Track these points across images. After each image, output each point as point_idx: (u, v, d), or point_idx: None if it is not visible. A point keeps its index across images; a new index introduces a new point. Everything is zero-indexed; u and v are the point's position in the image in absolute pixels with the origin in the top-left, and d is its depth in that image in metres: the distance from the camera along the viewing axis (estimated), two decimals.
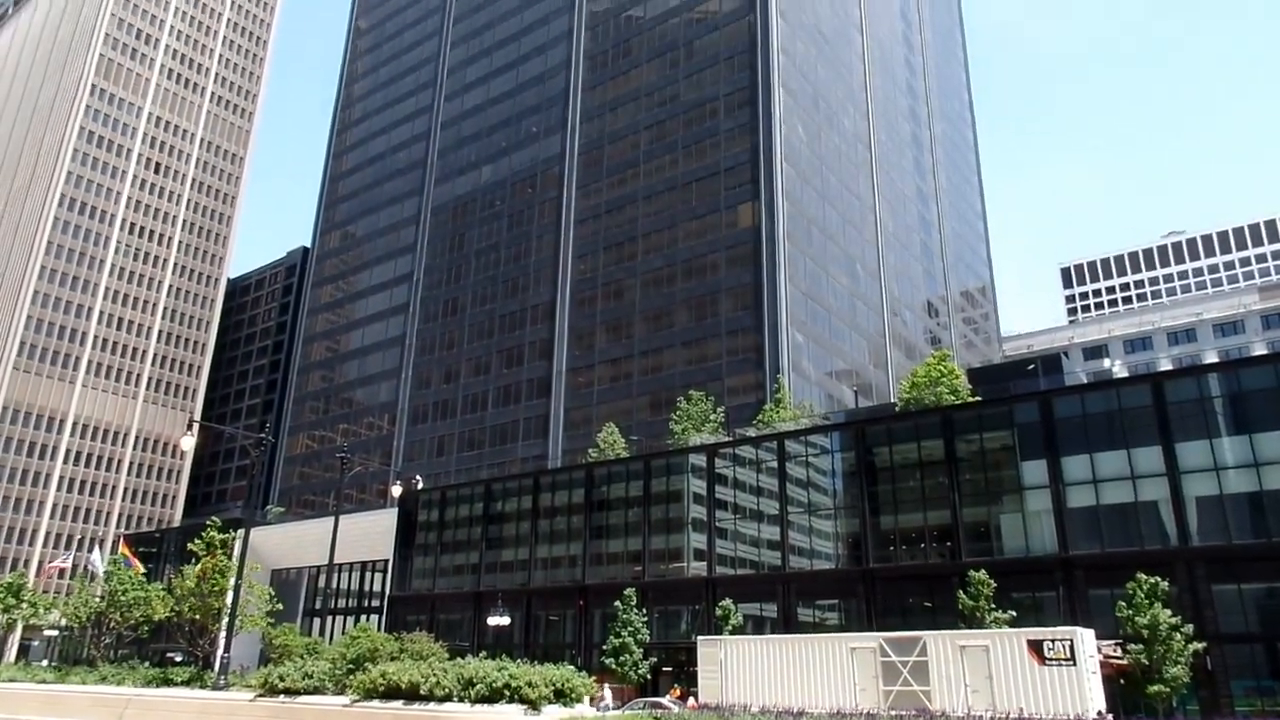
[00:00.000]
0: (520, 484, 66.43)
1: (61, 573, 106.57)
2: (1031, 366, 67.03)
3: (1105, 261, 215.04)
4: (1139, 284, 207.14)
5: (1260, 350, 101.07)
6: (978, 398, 52.30)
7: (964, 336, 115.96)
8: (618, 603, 51.91)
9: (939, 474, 46.92)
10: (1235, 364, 43.94)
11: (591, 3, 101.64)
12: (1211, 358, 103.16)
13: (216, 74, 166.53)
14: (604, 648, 51.48)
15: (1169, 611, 36.39)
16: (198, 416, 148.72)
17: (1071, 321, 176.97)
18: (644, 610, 52.24)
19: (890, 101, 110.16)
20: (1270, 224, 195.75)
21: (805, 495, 51.94)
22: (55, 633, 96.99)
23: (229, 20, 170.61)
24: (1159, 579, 37.17)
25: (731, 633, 46.48)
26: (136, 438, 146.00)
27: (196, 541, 41.90)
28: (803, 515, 51.40)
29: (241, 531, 39.33)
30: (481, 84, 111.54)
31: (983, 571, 41.16)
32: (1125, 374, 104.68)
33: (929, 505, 47.13)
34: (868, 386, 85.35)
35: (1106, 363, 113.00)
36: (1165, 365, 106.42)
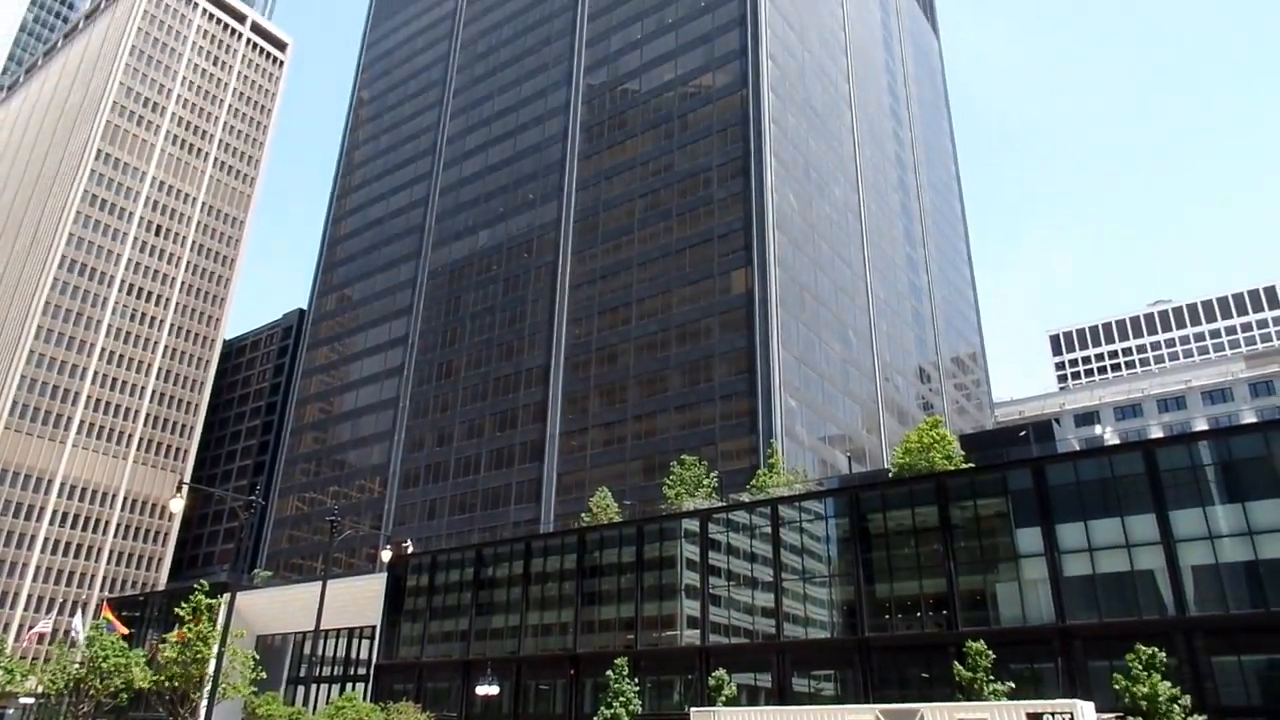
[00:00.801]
0: (512, 549, 65.75)
1: (41, 638, 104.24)
2: (1024, 433, 67.23)
3: (1094, 329, 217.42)
4: (1126, 351, 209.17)
5: (1250, 418, 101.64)
6: (971, 464, 52.37)
7: (956, 402, 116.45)
8: (609, 672, 51.01)
9: (934, 541, 46.70)
10: (1225, 431, 44.17)
11: (588, 76, 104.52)
12: (1201, 425, 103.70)
13: (220, 140, 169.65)
14: (595, 719, 50.39)
15: (1168, 683, 35.95)
16: (188, 477, 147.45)
17: (1062, 388, 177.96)
18: (636, 680, 51.31)
19: (879, 172, 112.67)
20: (1254, 294, 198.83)
21: (799, 562, 51.56)
22: (31, 700, 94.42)
23: (235, 89, 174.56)
24: (1157, 650, 36.81)
25: (725, 704, 45.60)
26: (125, 499, 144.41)
27: (183, 606, 41.28)
28: (797, 582, 50.94)
29: (227, 596, 38.76)
30: (480, 152, 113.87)
31: (980, 642, 40.71)
32: (1117, 441, 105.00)
33: (924, 573, 46.79)
34: (861, 452, 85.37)
35: (1098, 429, 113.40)
36: (1156, 432, 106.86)
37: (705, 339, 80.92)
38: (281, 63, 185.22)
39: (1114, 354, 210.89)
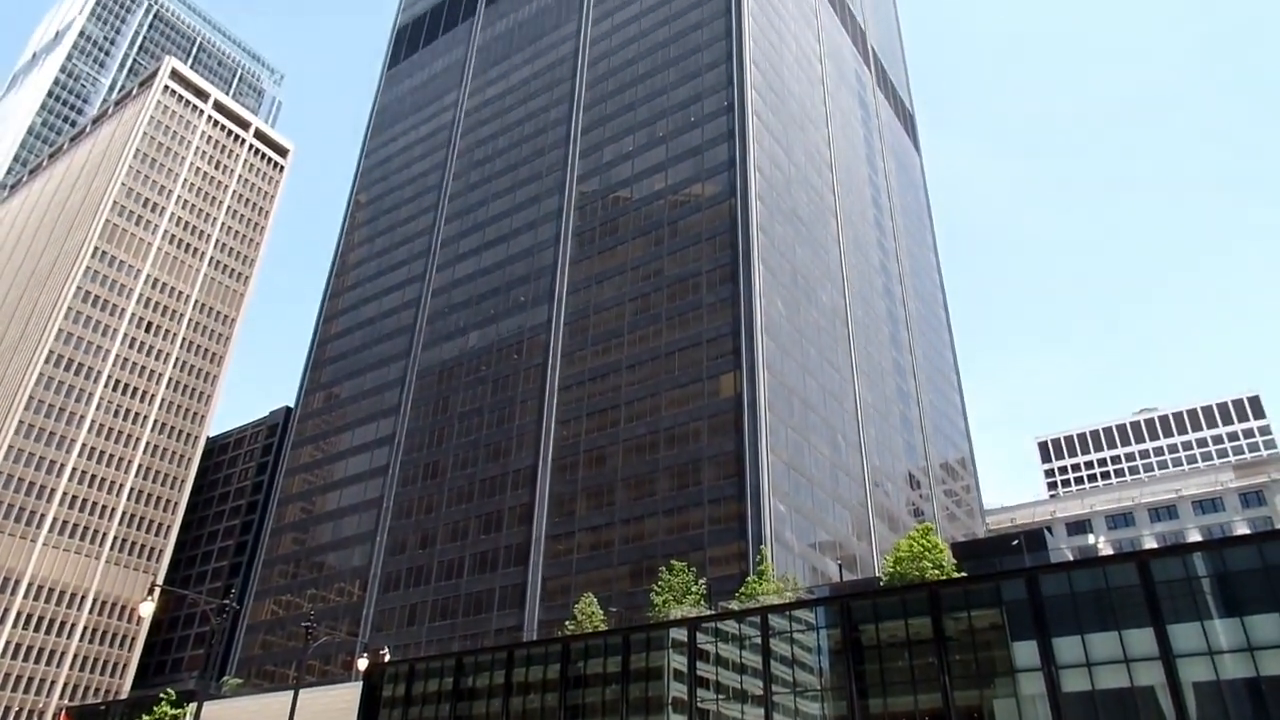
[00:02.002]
0: (493, 658, 63.52)
1: None
2: (1016, 541, 66.44)
3: (1081, 436, 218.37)
4: (1115, 459, 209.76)
5: (1242, 528, 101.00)
6: (963, 573, 51.50)
7: (946, 509, 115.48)
8: None
9: (928, 654, 45.42)
10: (1220, 543, 43.77)
11: (581, 184, 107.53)
12: (1194, 535, 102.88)
13: (217, 240, 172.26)
14: None
15: None
16: (161, 579, 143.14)
17: (1052, 495, 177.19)
18: None
19: (865, 279, 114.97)
20: (1238, 403, 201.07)
21: (790, 674, 49.90)
22: None
23: (234, 191, 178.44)
24: None
25: None
26: (94, 600, 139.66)
27: (147, 716, 39.40)
28: (788, 696, 49.16)
29: (194, 705, 37.09)
30: (473, 255, 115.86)
31: None
32: (1110, 550, 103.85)
33: (919, 687, 45.31)
34: (851, 559, 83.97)
35: (1090, 538, 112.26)
36: (1149, 542, 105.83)
37: (694, 442, 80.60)
38: (282, 167, 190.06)
39: (1103, 461, 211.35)
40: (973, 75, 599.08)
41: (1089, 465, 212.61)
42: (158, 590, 33.65)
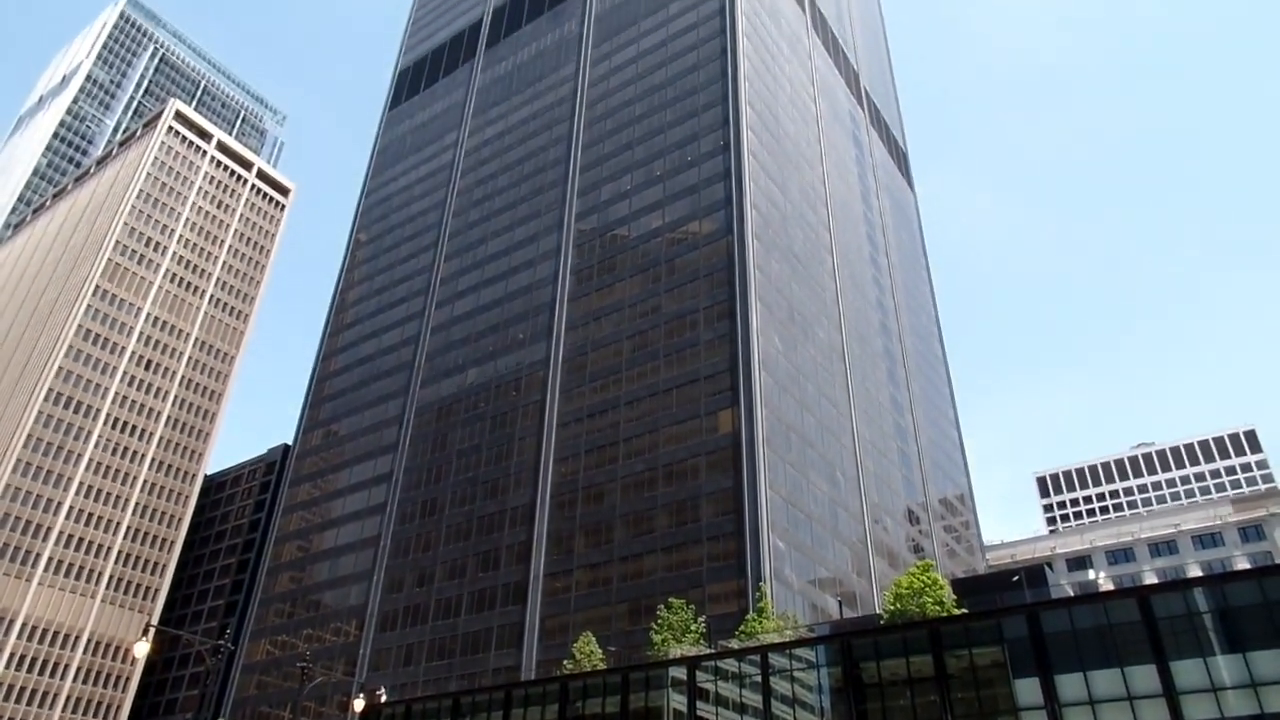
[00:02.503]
0: (491, 697, 62.89)
1: None
2: (1016, 578, 66.22)
3: (1080, 471, 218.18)
4: (1114, 494, 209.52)
5: (1242, 563, 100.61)
6: (964, 610, 51.31)
7: (946, 545, 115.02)
8: None
9: (930, 692, 45.13)
10: (1220, 579, 43.72)
11: (579, 222, 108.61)
12: (1195, 570, 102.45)
13: (218, 278, 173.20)
14: None
15: None
16: (156, 618, 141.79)
17: (1052, 531, 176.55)
18: None
19: (862, 316, 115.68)
20: (1234, 437, 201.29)
21: (791, 713, 49.49)
22: None
23: (236, 230, 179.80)
24: None
25: None
26: (88, 641, 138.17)
27: None
28: None
29: None
30: (472, 292, 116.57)
31: None
32: (1110, 586, 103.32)
33: None
34: (851, 596, 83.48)
35: (1091, 574, 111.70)
36: (1150, 577, 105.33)
37: (692, 479, 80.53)
38: (283, 206, 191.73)
39: (1101, 496, 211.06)
40: (965, 114, 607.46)
41: (1087, 500, 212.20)
42: (152, 631, 33.52)
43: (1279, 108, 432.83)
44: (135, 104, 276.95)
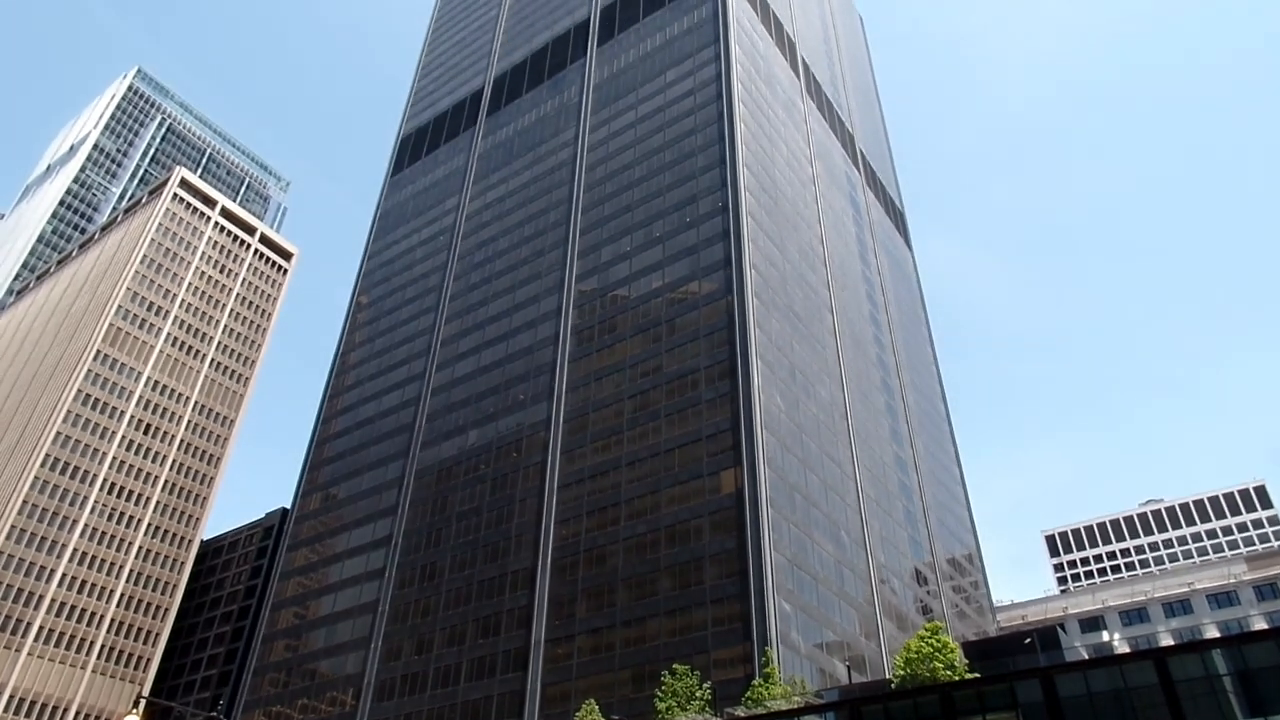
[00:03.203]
0: None
1: None
2: (1029, 640, 64.76)
3: (1089, 529, 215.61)
4: (1125, 552, 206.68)
5: (1260, 623, 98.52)
6: (976, 674, 49.96)
7: (955, 606, 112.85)
8: None
9: None
10: (1238, 639, 42.67)
11: (580, 283, 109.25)
12: (1212, 631, 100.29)
13: (219, 342, 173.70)
14: None
15: None
16: (148, 689, 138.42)
17: (1063, 590, 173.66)
18: None
19: (863, 374, 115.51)
20: (1244, 493, 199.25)
21: None
22: None
23: (238, 294, 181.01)
24: None
25: None
26: (78, 713, 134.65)
27: None
28: None
29: None
30: (473, 354, 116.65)
31: None
32: (1126, 648, 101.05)
33: None
34: (860, 660, 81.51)
35: (1105, 635, 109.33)
36: (1165, 639, 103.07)
37: (695, 540, 79.33)
38: (285, 270, 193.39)
39: (1111, 554, 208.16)
40: (961, 175, 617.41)
41: (1098, 559, 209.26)
42: (143, 703, 32.55)
43: (1273, 160, 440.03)
44: (142, 172, 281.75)
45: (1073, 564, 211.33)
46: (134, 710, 31.61)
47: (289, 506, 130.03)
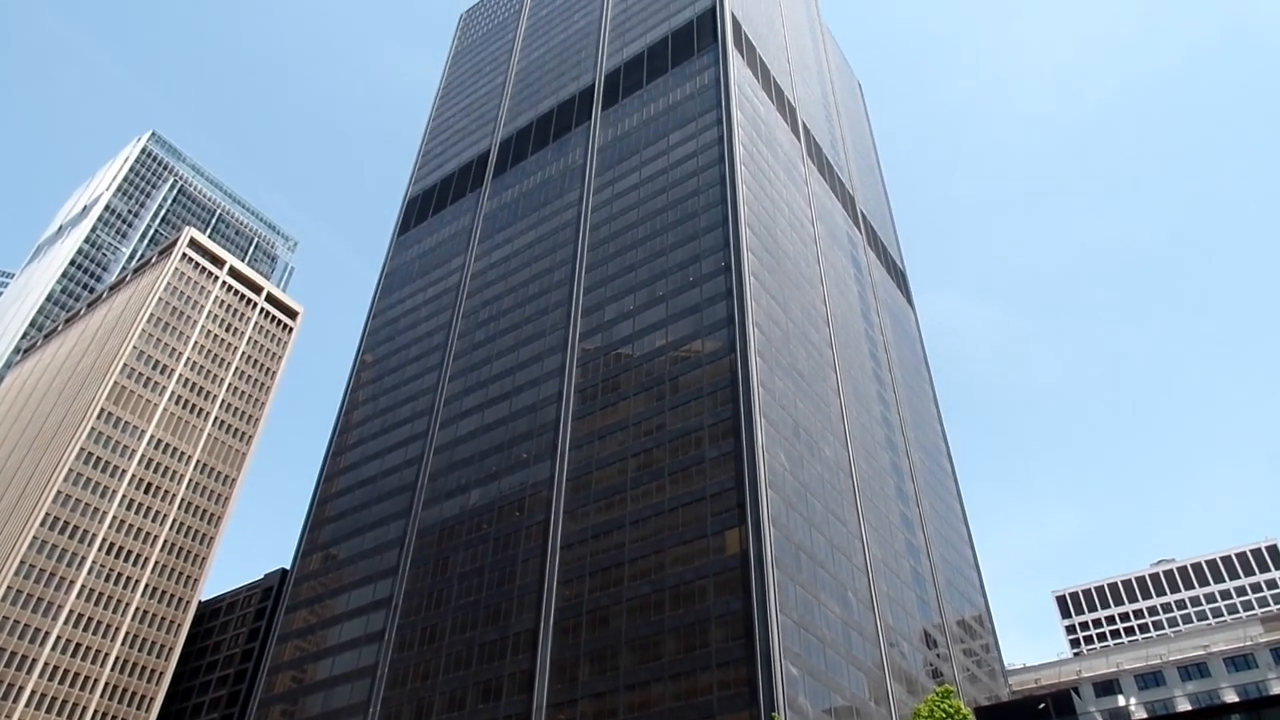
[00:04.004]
0: None
1: None
2: (1043, 705, 63.19)
3: (1100, 590, 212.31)
4: (1138, 614, 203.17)
5: (1277, 687, 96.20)
6: None
7: (966, 669, 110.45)
8: None
9: None
10: (1258, 704, 41.66)
11: (584, 342, 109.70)
12: (1230, 695, 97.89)
13: (223, 400, 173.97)
14: None
15: None
16: None
17: (1076, 653, 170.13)
18: None
19: (867, 432, 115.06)
20: (1256, 553, 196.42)
21: None
22: None
23: (243, 353, 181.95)
24: None
25: None
26: None
27: None
28: None
29: None
30: (477, 412, 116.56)
31: None
32: (1143, 713, 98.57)
33: None
34: None
35: (1120, 700, 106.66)
36: (1183, 704, 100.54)
37: (700, 601, 78.10)
38: (291, 328, 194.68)
39: (1124, 616, 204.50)
40: (961, 232, 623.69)
41: (1110, 620, 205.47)
42: None
43: (1274, 212, 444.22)
44: (152, 232, 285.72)
45: (1085, 625, 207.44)
46: None
47: (289, 567, 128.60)
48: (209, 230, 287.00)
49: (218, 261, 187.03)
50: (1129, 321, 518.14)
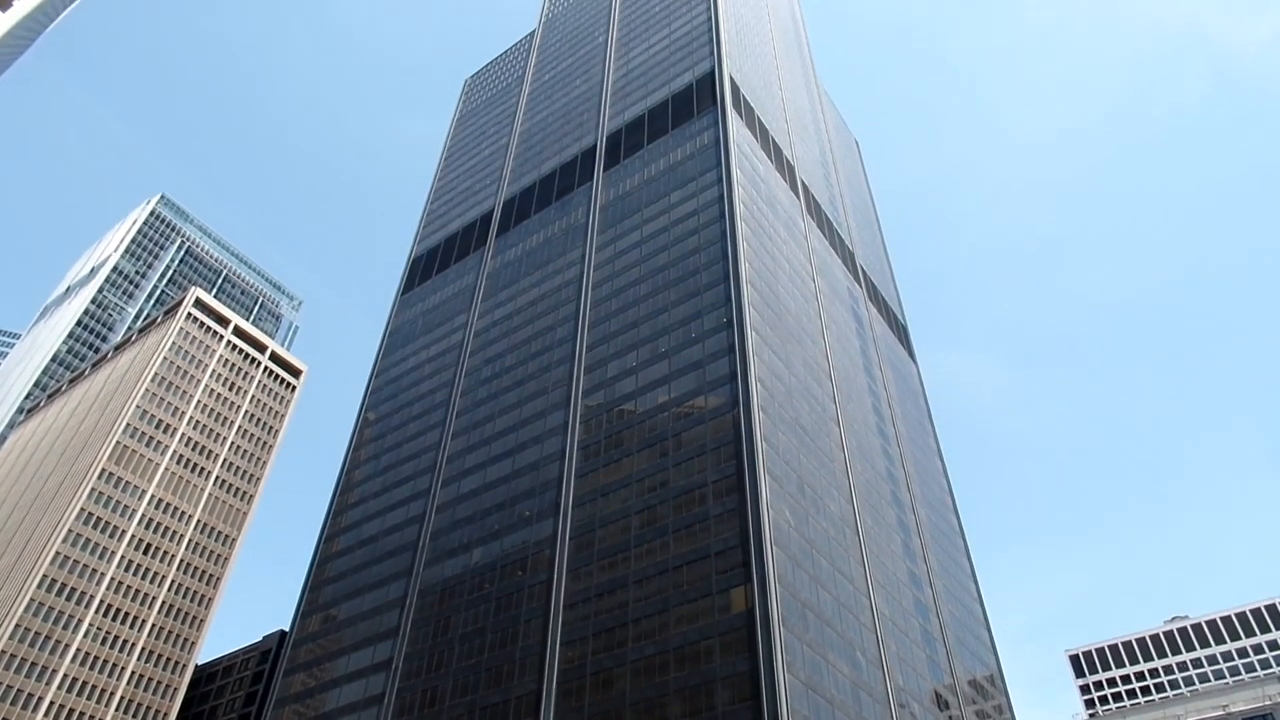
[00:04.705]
0: None
1: None
2: None
3: (1114, 648, 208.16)
4: (1153, 672, 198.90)
5: None
6: None
7: None
8: None
9: None
10: None
11: (586, 398, 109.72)
12: None
13: (225, 459, 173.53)
14: None
15: None
16: None
17: (1091, 715, 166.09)
18: None
19: (872, 487, 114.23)
20: (1271, 608, 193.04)
21: None
22: None
23: (246, 412, 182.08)
24: None
25: None
26: None
27: None
28: None
29: None
30: (479, 469, 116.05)
31: None
32: None
33: None
34: None
35: None
36: None
37: (706, 662, 76.65)
38: (294, 387, 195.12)
39: (1140, 675, 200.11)
40: (963, 285, 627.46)
41: (1125, 679, 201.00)
42: None
43: (1273, 266, 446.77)
44: (159, 293, 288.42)
45: (1099, 685, 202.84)
46: None
47: (287, 628, 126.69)
48: (215, 290, 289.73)
49: (222, 321, 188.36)
50: (1133, 375, 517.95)
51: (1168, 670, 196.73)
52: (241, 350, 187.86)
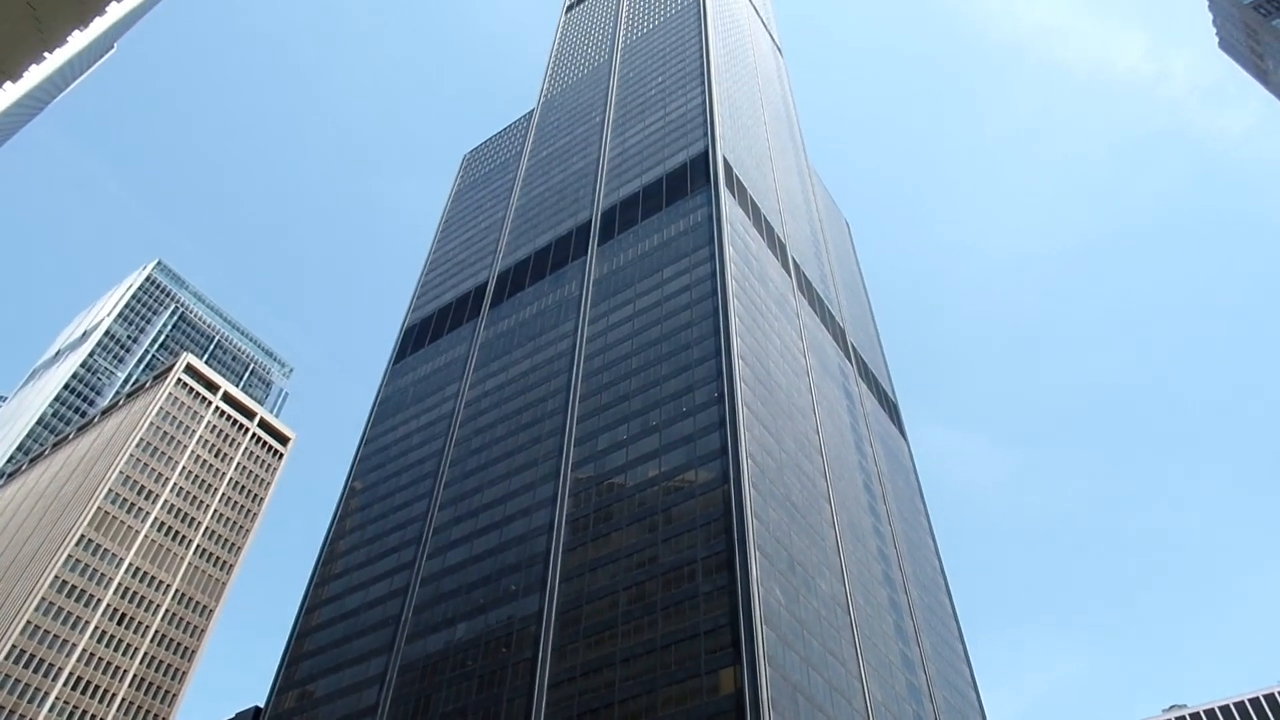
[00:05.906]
0: None
1: None
2: None
3: None
4: None
5: None
6: None
7: None
8: None
9: None
10: None
11: (576, 471, 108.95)
12: None
13: (207, 527, 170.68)
14: None
15: None
16: None
17: None
18: None
19: (864, 566, 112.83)
20: (1270, 698, 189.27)
21: None
22: None
23: (231, 479, 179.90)
24: None
25: None
26: None
27: None
28: None
29: None
30: (465, 542, 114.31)
31: None
32: None
33: None
34: None
35: None
36: None
37: None
38: (281, 454, 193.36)
39: None
40: (954, 364, 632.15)
41: None
42: None
43: (1265, 342, 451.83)
44: (149, 357, 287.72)
45: None
46: None
47: (262, 704, 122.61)
48: (206, 356, 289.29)
49: (212, 387, 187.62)
50: (1123, 457, 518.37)
51: None
52: (230, 417, 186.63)
